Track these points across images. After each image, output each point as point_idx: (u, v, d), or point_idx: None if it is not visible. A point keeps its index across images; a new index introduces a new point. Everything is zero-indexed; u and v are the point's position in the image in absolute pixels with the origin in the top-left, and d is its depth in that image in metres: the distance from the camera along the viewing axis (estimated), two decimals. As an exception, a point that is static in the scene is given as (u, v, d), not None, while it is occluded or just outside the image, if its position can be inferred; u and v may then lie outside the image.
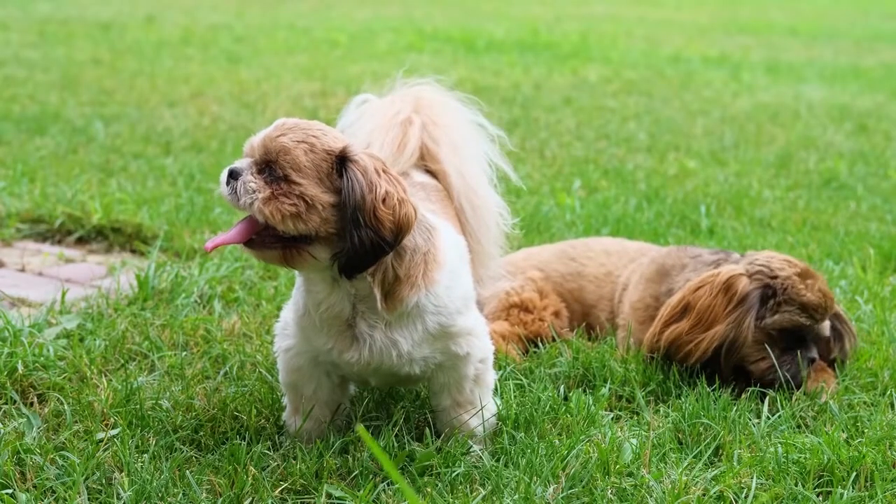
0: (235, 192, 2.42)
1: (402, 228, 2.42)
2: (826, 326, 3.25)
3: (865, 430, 2.82)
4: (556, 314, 3.59)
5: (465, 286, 2.65)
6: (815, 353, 3.21)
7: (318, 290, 2.52)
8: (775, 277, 3.18)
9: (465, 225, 2.93)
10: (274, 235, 2.43)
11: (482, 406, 2.69)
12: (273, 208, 2.38)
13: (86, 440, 2.64)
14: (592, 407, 2.90)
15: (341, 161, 2.42)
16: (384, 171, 2.45)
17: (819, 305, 3.18)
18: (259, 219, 2.42)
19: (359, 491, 2.43)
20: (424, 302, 2.52)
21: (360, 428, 1.52)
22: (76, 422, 2.74)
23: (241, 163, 2.45)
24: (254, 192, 2.39)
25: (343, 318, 2.53)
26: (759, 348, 3.16)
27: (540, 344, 3.47)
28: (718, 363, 3.16)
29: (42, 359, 3.08)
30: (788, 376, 3.13)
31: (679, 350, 3.18)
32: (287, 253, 2.44)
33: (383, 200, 2.40)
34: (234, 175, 2.43)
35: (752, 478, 2.53)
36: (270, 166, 2.40)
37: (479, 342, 2.65)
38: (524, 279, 3.62)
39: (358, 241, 2.38)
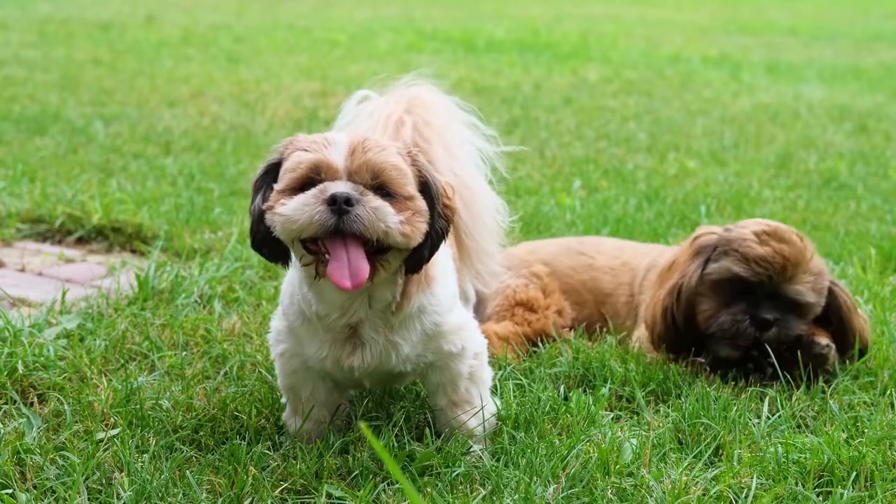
0: (359, 218, 2.26)
1: (454, 213, 2.51)
2: (795, 290, 3.15)
3: (865, 430, 2.82)
4: (559, 313, 3.60)
5: (453, 283, 2.68)
6: (771, 315, 3.13)
7: (335, 297, 2.46)
8: (731, 231, 3.22)
9: (460, 222, 2.93)
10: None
11: (482, 405, 2.69)
12: (411, 228, 2.32)
13: (86, 440, 2.63)
14: (592, 407, 2.90)
15: (412, 159, 2.43)
16: None
17: (764, 259, 3.10)
18: (391, 242, 2.31)
19: (359, 491, 2.43)
20: (424, 303, 2.53)
21: (363, 425, 1.51)
22: (76, 422, 2.73)
23: (343, 187, 2.29)
24: (390, 215, 2.29)
25: (351, 325, 2.52)
26: (702, 300, 3.21)
27: (540, 344, 3.47)
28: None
29: (42, 359, 3.08)
30: (732, 331, 3.14)
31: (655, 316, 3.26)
32: (371, 268, 2.35)
33: (445, 189, 2.47)
34: (348, 202, 2.26)
35: (752, 478, 2.53)
36: (383, 186, 2.32)
37: (472, 335, 2.66)
38: (528, 274, 3.63)
39: (440, 230, 2.42)
